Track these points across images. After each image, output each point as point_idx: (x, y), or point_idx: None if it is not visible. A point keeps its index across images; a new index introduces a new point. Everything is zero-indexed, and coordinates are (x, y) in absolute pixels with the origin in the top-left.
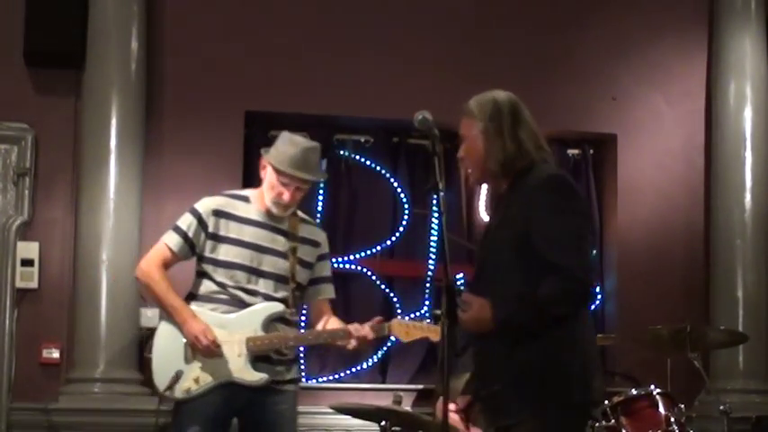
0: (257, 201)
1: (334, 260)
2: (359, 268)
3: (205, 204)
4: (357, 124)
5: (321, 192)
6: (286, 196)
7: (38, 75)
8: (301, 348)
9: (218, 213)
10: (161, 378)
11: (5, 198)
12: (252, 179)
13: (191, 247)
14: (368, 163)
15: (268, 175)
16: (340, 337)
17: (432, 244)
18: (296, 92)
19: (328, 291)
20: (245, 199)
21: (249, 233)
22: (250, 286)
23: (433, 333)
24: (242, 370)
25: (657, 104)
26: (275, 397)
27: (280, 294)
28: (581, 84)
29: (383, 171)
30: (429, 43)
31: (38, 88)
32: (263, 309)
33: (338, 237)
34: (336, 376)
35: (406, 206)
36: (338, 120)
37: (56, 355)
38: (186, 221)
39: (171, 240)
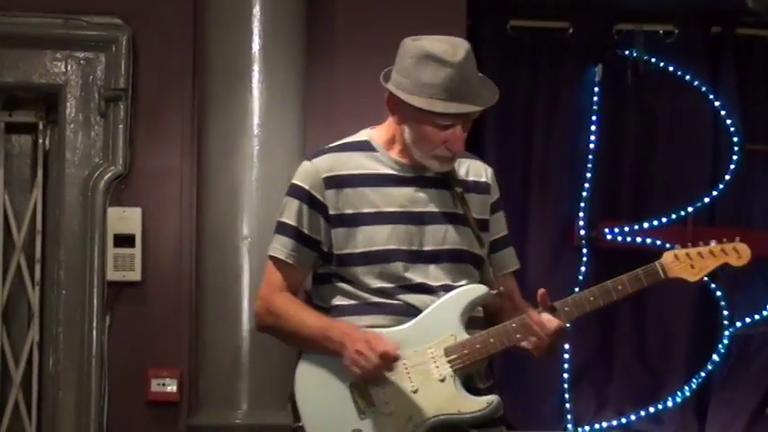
0: (388, 147)
1: (615, 230)
2: (657, 242)
3: (311, 174)
4: (652, 7)
5: (593, 118)
6: (454, 143)
7: None
8: (566, 379)
9: (336, 181)
10: None
11: (89, 138)
12: None
13: (313, 246)
14: (670, 69)
15: (411, 121)
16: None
17: None
18: None
19: (512, 259)
20: (366, 146)
21: (391, 197)
22: (417, 279)
23: (734, 256)
24: (454, 399)
25: None
26: None
27: (464, 281)
28: None
29: (696, 82)
30: None
31: None
32: (456, 298)
33: (622, 192)
34: (624, 420)
35: (736, 139)
36: (619, 1)
37: (172, 388)
38: (292, 210)
39: (279, 249)
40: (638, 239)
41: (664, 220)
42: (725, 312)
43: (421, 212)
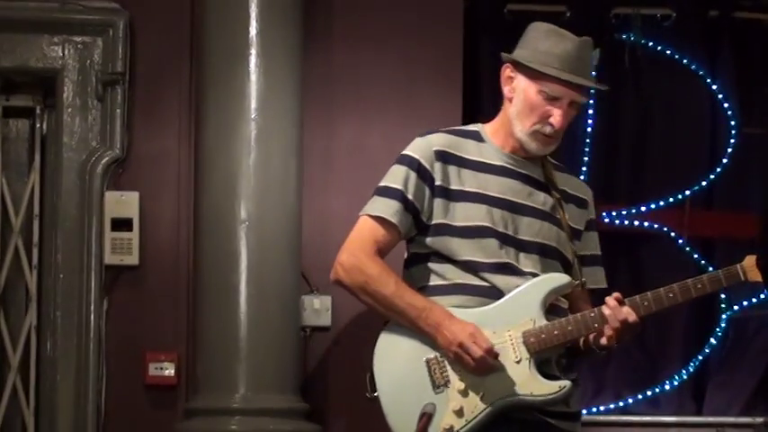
0: (494, 137)
1: (613, 213)
2: (655, 225)
3: (422, 146)
4: None
5: (591, 101)
6: (557, 117)
7: None
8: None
9: (445, 157)
10: (403, 424)
11: (86, 123)
12: (478, 83)
13: (414, 213)
14: (668, 53)
15: (521, 90)
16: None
17: None
18: None
19: (600, 277)
20: (476, 135)
21: (493, 184)
22: (507, 261)
23: None
24: (528, 381)
25: None
26: None
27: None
28: None
29: (693, 66)
30: None
31: None
32: (538, 285)
33: (620, 175)
34: (622, 404)
35: (733, 123)
36: None
37: (169, 371)
38: (399, 176)
39: (382, 209)
40: (636, 222)
41: (661, 203)
42: (722, 296)
43: (519, 203)
